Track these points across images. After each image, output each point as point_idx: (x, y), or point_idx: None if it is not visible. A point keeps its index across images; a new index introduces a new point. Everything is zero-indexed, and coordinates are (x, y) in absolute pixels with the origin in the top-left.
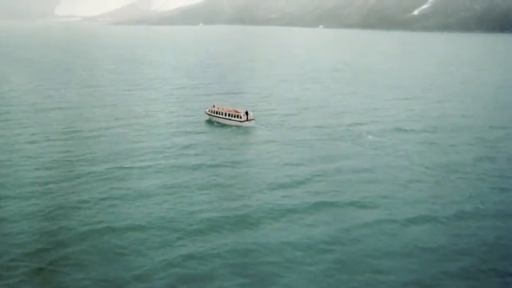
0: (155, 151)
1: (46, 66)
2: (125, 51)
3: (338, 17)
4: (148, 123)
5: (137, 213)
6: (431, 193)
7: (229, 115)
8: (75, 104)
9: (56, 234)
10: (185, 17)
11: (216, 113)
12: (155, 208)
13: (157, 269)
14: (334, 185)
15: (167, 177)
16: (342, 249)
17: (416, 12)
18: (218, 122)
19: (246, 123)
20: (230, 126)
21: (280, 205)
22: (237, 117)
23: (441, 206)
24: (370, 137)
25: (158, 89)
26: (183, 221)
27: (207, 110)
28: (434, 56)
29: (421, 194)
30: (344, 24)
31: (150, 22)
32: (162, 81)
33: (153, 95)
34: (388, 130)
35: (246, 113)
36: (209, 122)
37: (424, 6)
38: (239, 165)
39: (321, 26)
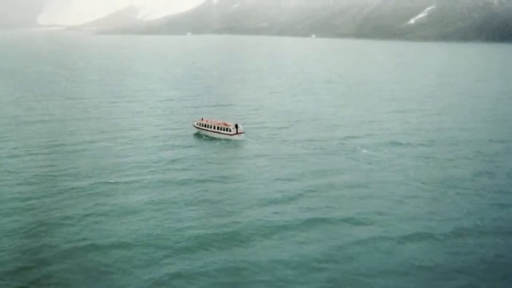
0: (141, 166)
1: (28, 77)
2: (110, 61)
3: (331, 27)
4: (134, 136)
5: (122, 230)
6: (428, 209)
7: (218, 128)
8: (58, 117)
9: (38, 251)
10: (172, 26)
11: (205, 126)
12: (141, 224)
13: None
14: (327, 201)
15: (153, 192)
16: (335, 267)
17: (412, 21)
18: (206, 136)
19: (236, 137)
20: (219, 139)
21: (271, 221)
22: (227, 130)
23: (438, 222)
24: (364, 151)
25: (144, 101)
26: (170, 238)
27: (195, 123)
28: (431, 67)
29: (418, 211)
30: (338, 33)
31: (136, 31)
32: (149, 92)
33: (139, 107)
34: (383, 143)
35: (236, 126)
36: (198, 135)
37: (421, 15)
38: (229, 180)
39: (313, 36)
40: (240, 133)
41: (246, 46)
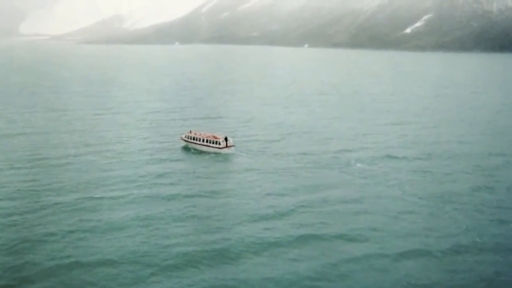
0: (128, 180)
1: (9, 89)
2: (95, 72)
3: (324, 36)
4: (119, 150)
5: (108, 247)
6: (425, 226)
7: (207, 141)
8: (41, 130)
9: (21, 269)
10: (159, 35)
11: (193, 139)
12: (127, 241)
13: None
14: (320, 217)
15: (140, 208)
16: (328, 285)
17: (408, 30)
18: (195, 149)
19: (226, 150)
20: (208, 153)
21: (262, 238)
22: (216, 143)
23: (435, 239)
24: (359, 165)
25: (130, 113)
26: (158, 255)
27: (183, 136)
28: (428, 78)
29: (414, 227)
30: (332, 43)
31: (122, 41)
32: (135, 104)
33: (125, 119)
34: (378, 157)
35: (226, 139)
36: (186, 148)
37: (417, 24)
38: (218, 195)
39: (306, 45)
40: (230, 146)
41: (236, 56)
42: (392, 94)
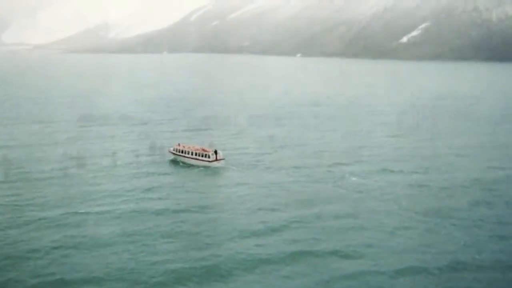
0: (114, 195)
1: None
2: (80, 82)
3: (318, 45)
4: (105, 163)
5: (93, 264)
6: (422, 242)
7: (196, 154)
8: (24, 142)
9: (4, 287)
10: (147, 44)
11: (182, 152)
12: (114, 258)
13: None
14: (313, 233)
15: (127, 223)
16: None
17: (405, 40)
18: (184, 162)
19: (215, 164)
20: (198, 166)
21: (253, 254)
22: (205, 156)
23: (432, 256)
24: (353, 178)
25: (117, 125)
26: (145, 272)
27: (172, 148)
28: (425, 88)
29: (411, 243)
30: (325, 52)
31: (108, 50)
32: (122, 116)
33: (111, 131)
34: (373, 171)
35: (215, 152)
36: (174, 162)
37: (414, 33)
38: (208, 210)
39: (299, 55)
40: (220, 159)
41: (226, 65)
42: (388, 105)
